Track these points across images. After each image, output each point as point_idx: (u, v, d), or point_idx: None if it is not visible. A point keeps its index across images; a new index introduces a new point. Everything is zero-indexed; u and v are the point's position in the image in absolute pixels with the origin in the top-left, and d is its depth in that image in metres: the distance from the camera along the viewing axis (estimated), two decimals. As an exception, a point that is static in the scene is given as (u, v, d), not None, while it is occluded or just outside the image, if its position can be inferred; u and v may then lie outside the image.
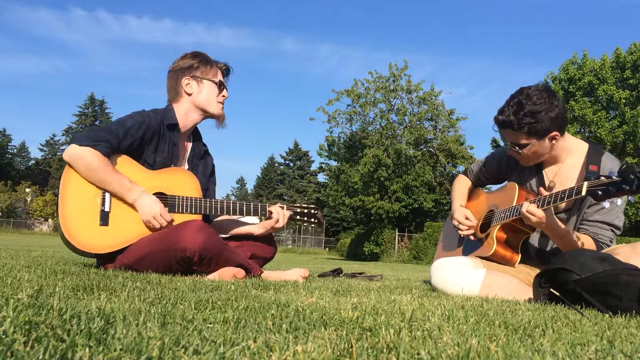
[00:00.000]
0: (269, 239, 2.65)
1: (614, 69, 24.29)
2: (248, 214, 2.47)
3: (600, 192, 1.82)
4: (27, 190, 43.39)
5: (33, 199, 43.29)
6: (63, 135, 54.90)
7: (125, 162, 2.32)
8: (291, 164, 60.10)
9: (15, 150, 54.59)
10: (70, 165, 2.24)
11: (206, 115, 2.57)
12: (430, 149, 24.37)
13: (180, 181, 2.41)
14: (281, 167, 60.32)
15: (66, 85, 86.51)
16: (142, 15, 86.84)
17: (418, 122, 23.67)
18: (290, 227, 42.28)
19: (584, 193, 1.88)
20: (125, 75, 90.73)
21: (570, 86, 25.06)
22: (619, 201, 1.83)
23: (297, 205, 2.61)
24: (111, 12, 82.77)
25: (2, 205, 41.25)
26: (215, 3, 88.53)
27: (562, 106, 2.16)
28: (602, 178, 1.85)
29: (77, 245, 2.20)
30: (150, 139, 2.38)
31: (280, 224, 2.50)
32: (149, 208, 2.26)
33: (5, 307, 0.94)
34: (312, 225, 2.64)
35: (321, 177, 44.05)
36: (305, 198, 54.52)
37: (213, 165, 2.74)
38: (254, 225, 2.61)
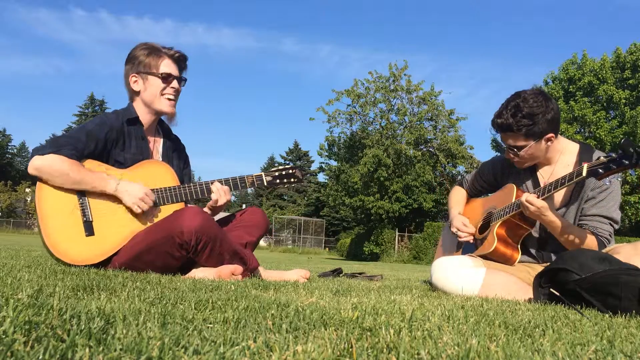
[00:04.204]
0: (258, 216, 2.61)
1: (614, 69, 24.29)
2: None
3: (600, 170, 1.86)
4: (27, 190, 43.29)
5: (33, 199, 43.23)
6: (63, 135, 54.84)
7: (95, 167, 2.26)
8: (291, 164, 60.03)
9: (15, 150, 54.56)
10: (39, 178, 2.17)
11: (157, 113, 2.45)
12: (430, 149, 24.37)
13: (156, 173, 2.36)
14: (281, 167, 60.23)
15: (66, 85, 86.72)
16: (142, 16, 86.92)
17: (418, 122, 23.68)
18: (290, 227, 42.26)
19: (584, 174, 1.93)
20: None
21: (570, 86, 25.06)
22: (619, 179, 1.84)
23: (274, 169, 2.52)
24: (111, 13, 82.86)
25: (2, 205, 41.23)
26: (216, 3, 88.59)
27: (556, 109, 2.22)
28: (601, 158, 1.88)
29: (69, 261, 2.17)
30: (115, 140, 2.32)
31: (220, 202, 2.40)
32: (134, 191, 2.21)
33: (5, 307, 0.94)
34: (294, 184, 2.55)
35: (321, 177, 44.00)
36: (305, 198, 54.50)
37: (187, 157, 2.69)
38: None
